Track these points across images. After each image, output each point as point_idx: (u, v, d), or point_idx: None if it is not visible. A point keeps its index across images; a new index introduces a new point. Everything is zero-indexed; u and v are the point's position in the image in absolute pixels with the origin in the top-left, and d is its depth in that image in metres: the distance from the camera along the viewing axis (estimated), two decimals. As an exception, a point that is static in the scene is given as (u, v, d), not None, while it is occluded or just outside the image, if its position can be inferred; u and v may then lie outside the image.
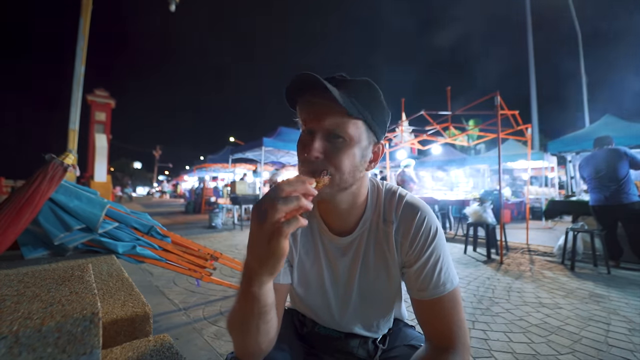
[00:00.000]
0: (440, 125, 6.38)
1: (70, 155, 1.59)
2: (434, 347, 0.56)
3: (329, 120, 0.53)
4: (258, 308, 0.48)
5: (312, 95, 0.53)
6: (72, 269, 0.76)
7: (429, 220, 0.61)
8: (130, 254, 1.60)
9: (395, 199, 0.64)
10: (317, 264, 0.67)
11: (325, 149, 0.54)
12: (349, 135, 0.54)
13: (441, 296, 0.56)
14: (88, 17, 2.86)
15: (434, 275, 0.57)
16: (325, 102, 0.52)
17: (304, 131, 0.56)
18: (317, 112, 0.53)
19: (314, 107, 0.54)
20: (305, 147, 0.54)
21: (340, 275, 0.66)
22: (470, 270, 3.17)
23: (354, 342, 0.71)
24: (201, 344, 1.66)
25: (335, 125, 0.53)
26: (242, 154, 8.19)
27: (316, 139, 0.53)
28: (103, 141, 10.57)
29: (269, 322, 0.51)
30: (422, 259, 0.59)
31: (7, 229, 1.28)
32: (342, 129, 0.53)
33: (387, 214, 0.63)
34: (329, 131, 0.54)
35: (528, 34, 12.98)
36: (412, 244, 0.60)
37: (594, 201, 3.30)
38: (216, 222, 6.80)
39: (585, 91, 12.62)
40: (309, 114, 0.55)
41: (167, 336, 0.85)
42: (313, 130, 0.54)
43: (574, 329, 1.81)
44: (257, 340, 0.51)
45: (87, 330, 0.49)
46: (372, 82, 0.57)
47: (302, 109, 0.56)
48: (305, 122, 0.55)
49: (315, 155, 0.53)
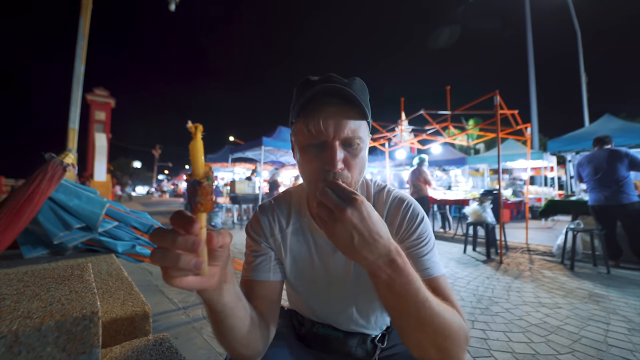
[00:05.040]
0: (440, 125, 6.38)
1: (70, 154, 1.58)
2: None
3: (347, 127, 0.51)
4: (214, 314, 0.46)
5: (325, 103, 0.51)
6: (72, 268, 0.76)
7: (415, 208, 0.63)
8: (129, 253, 1.60)
9: (383, 194, 0.66)
10: (310, 261, 0.67)
11: (345, 158, 0.52)
12: (362, 140, 0.54)
13: (432, 277, 0.56)
14: (88, 17, 2.86)
15: (424, 256, 0.58)
16: (340, 109, 0.51)
17: (311, 142, 0.53)
18: (334, 121, 0.51)
19: (329, 115, 0.51)
20: (319, 162, 0.52)
21: (334, 271, 0.66)
22: (469, 269, 3.17)
23: (352, 341, 0.71)
24: (200, 343, 1.66)
25: (352, 132, 0.52)
26: (241, 154, 8.19)
27: (336, 149, 0.51)
28: (103, 140, 10.57)
29: (242, 323, 0.49)
30: (409, 240, 0.59)
31: (7, 228, 1.27)
32: (357, 135, 0.52)
33: (378, 209, 0.64)
34: (347, 138, 0.52)
35: (528, 33, 12.98)
36: (399, 229, 0.61)
37: (593, 201, 3.30)
38: (216, 221, 6.80)
39: (585, 90, 12.62)
40: (325, 123, 0.51)
41: (166, 335, 0.85)
42: (326, 140, 0.52)
43: (573, 328, 1.82)
44: (238, 341, 0.50)
45: (87, 329, 0.49)
46: (362, 80, 0.57)
47: (313, 119, 0.52)
48: (317, 132, 0.52)
49: (340, 167, 0.51)
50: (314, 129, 0.52)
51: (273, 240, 0.66)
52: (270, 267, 0.65)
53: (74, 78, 2.72)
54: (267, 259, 0.65)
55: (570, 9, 12.77)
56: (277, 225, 0.67)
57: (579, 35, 12.80)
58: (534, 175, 11.16)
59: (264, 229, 0.66)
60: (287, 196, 0.71)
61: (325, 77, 0.56)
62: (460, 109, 5.32)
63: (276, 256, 0.67)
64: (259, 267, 0.63)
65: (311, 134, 0.53)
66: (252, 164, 10.82)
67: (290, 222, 0.67)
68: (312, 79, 0.57)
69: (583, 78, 12.75)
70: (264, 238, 0.66)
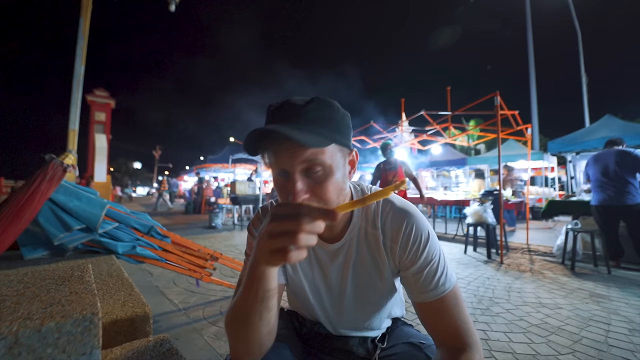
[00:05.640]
0: (440, 126, 6.39)
1: (70, 155, 1.59)
2: (448, 351, 0.55)
3: (302, 156, 0.50)
4: (262, 292, 0.47)
5: (276, 138, 0.49)
6: (72, 269, 0.75)
7: (418, 226, 0.60)
8: (130, 254, 1.60)
9: (380, 203, 0.64)
10: (309, 268, 0.68)
11: (309, 186, 0.52)
12: (326, 164, 0.52)
13: (443, 296, 0.56)
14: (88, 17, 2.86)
15: (433, 277, 0.57)
16: (292, 142, 0.48)
17: (276, 172, 0.54)
18: (286, 154, 0.50)
19: (282, 149, 0.51)
20: (286, 191, 0.52)
21: (332, 279, 0.67)
22: (470, 270, 3.17)
23: (353, 340, 0.71)
24: (201, 345, 1.65)
25: (310, 161, 0.50)
26: (242, 154, 8.20)
27: (296, 180, 0.50)
28: (103, 141, 10.57)
29: (272, 310, 0.51)
30: (418, 264, 0.58)
31: (7, 229, 1.28)
32: (318, 161, 0.51)
33: (376, 220, 0.63)
34: (305, 167, 0.51)
35: (528, 33, 12.98)
36: (404, 251, 0.60)
37: (596, 201, 3.26)
38: (216, 222, 6.80)
39: (586, 91, 12.62)
40: (277, 158, 0.52)
41: (167, 336, 0.85)
42: (288, 171, 0.51)
43: (574, 329, 1.81)
44: (259, 330, 0.51)
45: (87, 330, 0.49)
46: (323, 97, 0.55)
47: (268, 155, 0.53)
48: (276, 164, 0.52)
49: (303, 198, 0.51)
50: (273, 161, 0.52)
51: None
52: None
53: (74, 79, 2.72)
54: None
55: (571, 9, 12.78)
56: None
57: (580, 35, 12.81)
58: (535, 175, 11.16)
59: None
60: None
61: (280, 105, 0.54)
62: (460, 110, 5.32)
63: None
64: None
65: (272, 165, 0.53)
66: (252, 164, 10.84)
67: None
68: (271, 108, 0.55)
69: (584, 78, 12.76)
70: None
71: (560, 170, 11.23)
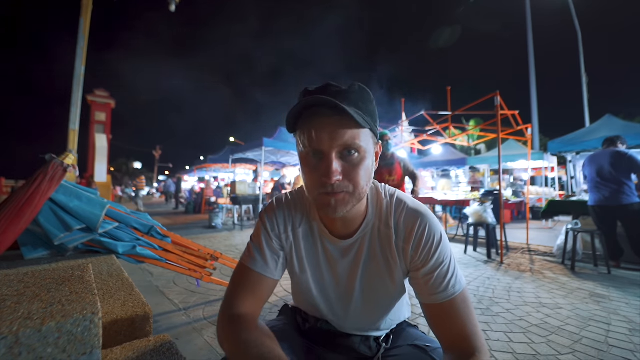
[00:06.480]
0: (441, 126, 6.39)
1: (70, 155, 1.59)
2: (457, 355, 0.54)
3: (343, 137, 0.51)
4: None
5: (319, 114, 0.51)
6: (72, 269, 0.76)
7: (431, 227, 0.60)
8: (130, 254, 1.60)
9: (393, 203, 0.64)
10: (318, 264, 0.67)
11: (343, 168, 0.52)
12: (362, 149, 0.53)
13: (452, 298, 0.56)
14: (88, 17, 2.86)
15: (444, 279, 0.57)
16: (334, 120, 0.50)
17: (309, 153, 0.54)
18: (326, 133, 0.51)
19: (323, 126, 0.51)
20: (318, 172, 0.52)
21: (340, 277, 0.66)
22: (470, 270, 3.17)
23: (356, 338, 0.71)
24: (201, 344, 1.66)
25: (349, 142, 0.51)
26: (242, 154, 8.20)
27: (332, 160, 0.51)
28: (103, 141, 10.58)
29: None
30: (429, 265, 0.58)
31: (7, 229, 1.28)
32: (355, 144, 0.52)
33: (389, 219, 0.63)
34: (342, 148, 0.52)
35: (528, 33, 12.97)
36: (416, 251, 0.60)
37: (593, 201, 3.28)
38: (216, 222, 6.80)
39: (586, 91, 12.61)
40: (316, 136, 0.51)
41: (167, 336, 0.85)
42: (322, 151, 0.52)
43: (574, 329, 1.81)
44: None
45: (87, 330, 0.49)
46: (362, 85, 0.56)
47: (308, 130, 0.52)
48: (312, 144, 0.52)
49: (337, 179, 0.51)
50: (309, 140, 0.52)
51: (285, 237, 0.67)
52: (278, 265, 0.66)
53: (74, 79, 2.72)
54: (276, 254, 0.66)
55: (571, 8, 12.77)
56: (290, 223, 0.67)
57: (580, 35, 12.80)
58: (535, 175, 11.16)
59: (279, 223, 0.67)
60: (302, 195, 0.70)
61: (322, 86, 0.54)
62: (460, 110, 5.32)
63: (284, 254, 0.67)
64: (266, 260, 0.64)
65: (307, 144, 0.53)
66: (252, 164, 10.83)
67: (303, 222, 0.68)
68: (309, 89, 0.55)
69: (584, 78, 12.75)
70: (276, 234, 0.66)
71: (561, 170, 11.23)
